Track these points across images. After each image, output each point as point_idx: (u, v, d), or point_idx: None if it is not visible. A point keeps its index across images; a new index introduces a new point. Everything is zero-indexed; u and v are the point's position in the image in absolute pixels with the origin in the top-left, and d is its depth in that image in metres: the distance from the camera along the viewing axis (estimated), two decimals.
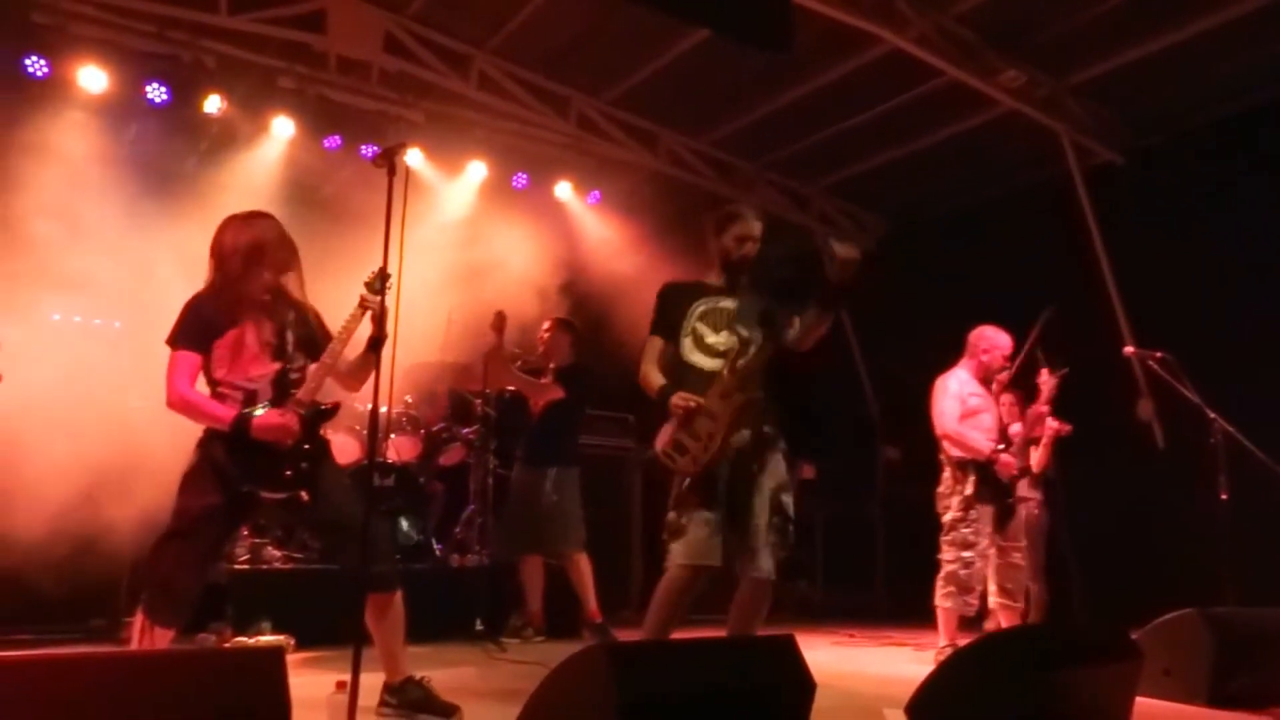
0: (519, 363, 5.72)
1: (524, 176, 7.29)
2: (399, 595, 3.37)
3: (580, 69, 6.86)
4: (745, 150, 7.85)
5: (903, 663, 5.17)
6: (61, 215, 5.24)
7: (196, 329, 3.27)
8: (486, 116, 7.01)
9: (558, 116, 7.13)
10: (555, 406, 5.51)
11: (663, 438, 3.48)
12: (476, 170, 7.08)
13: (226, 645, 4.46)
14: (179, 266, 4.50)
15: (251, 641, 4.52)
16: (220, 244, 3.36)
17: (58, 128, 5.70)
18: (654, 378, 3.57)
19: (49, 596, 4.66)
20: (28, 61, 5.51)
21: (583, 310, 6.73)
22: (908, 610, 6.99)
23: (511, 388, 5.83)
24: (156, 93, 5.85)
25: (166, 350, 3.28)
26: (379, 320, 3.27)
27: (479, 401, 6.16)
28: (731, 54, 6.24)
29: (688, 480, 3.42)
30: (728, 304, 3.60)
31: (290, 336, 3.38)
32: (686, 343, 3.58)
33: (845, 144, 7.54)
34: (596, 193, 7.60)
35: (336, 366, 3.38)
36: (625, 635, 5.10)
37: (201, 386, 3.27)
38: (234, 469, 3.15)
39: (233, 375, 3.27)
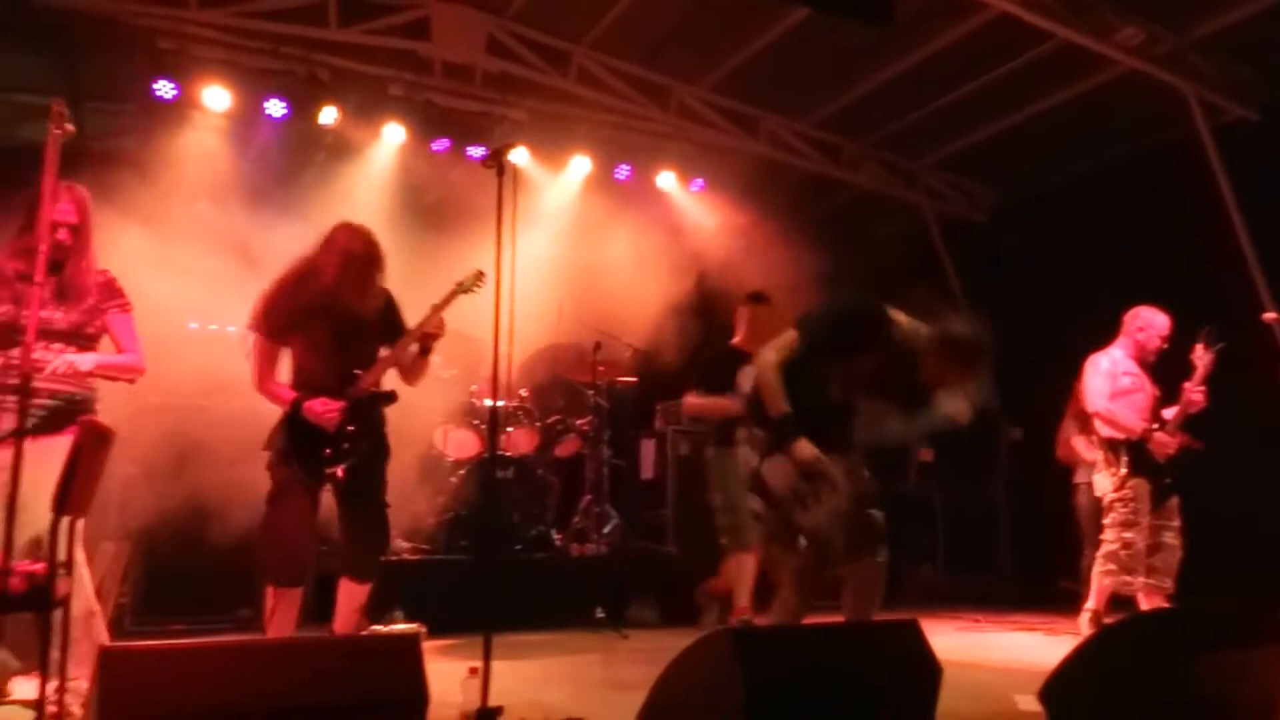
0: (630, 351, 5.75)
1: (626, 168, 7.35)
2: (369, 586, 3.74)
3: (678, 57, 6.86)
4: (849, 129, 7.70)
5: (1032, 647, 5.02)
6: (193, 229, 5.51)
7: (276, 317, 3.63)
8: (588, 111, 7.08)
9: (657, 106, 7.15)
10: None
11: (778, 475, 3.37)
12: (580, 165, 7.17)
13: (364, 633, 4.65)
14: None
15: (386, 629, 4.70)
16: (325, 248, 3.65)
17: (186, 146, 6.03)
18: (779, 394, 3.35)
19: (200, 589, 4.97)
20: (157, 85, 5.84)
21: (690, 297, 6.74)
22: (1035, 594, 6.78)
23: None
24: (275, 107, 6.12)
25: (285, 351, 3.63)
26: (430, 335, 3.66)
27: (591, 393, 6.24)
28: (831, 31, 6.13)
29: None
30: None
31: (365, 330, 3.68)
32: (816, 373, 3.41)
33: (952, 116, 7.31)
34: (699, 180, 7.60)
35: (402, 360, 3.71)
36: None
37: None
38: (288, 444, 3.56)
39: (308, 365, 3.65)
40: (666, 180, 7.54)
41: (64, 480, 2.60)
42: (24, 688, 3.20)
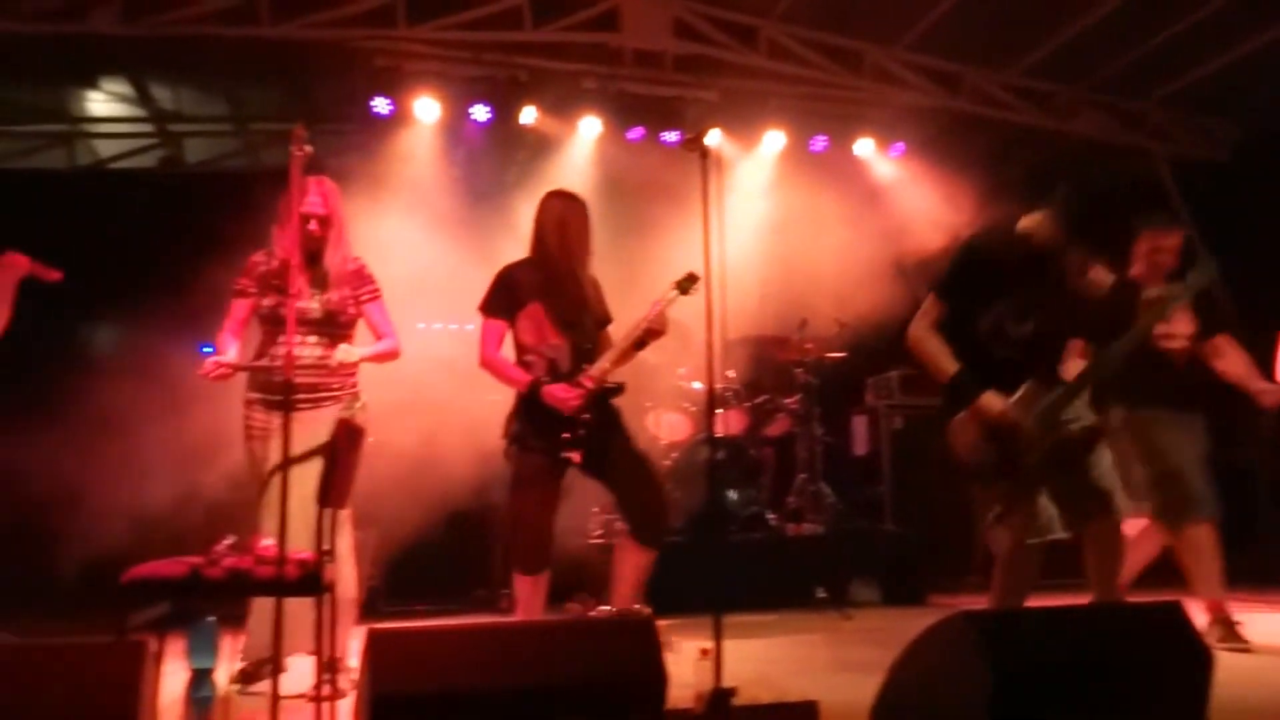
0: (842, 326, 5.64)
1: (822, 139, 7.18)
2: (655, 555, 3.70)
3: (870, 20, 6.61)
4: (1062, 74, 7.17)
5: None
6: (411, 235, 5.85)
7: (503, 299, 3.71)
8: (779, 84, 6.96)
9: (851, 73, 6.93)
10: None
11: (963, 436, 3.14)
12: (774, 140, 7.07)
13: (593, 614, 4.82)
14: None
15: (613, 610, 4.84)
16: (539, 219, 3.77)
17: (402, 157, 6.41)
18: (943, 358, 3.13)
19: (440, 572, 5.32)
20: (374, 103, 6.23)
21: (897, 265, 6.52)
22: None
23: None
24: (480, 112, 6.40)
25: (510, 351, 3.73)
26: (655, 332, 3.67)
27: (799, 371, 6.17)
28: None
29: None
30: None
31: (589, 310, 3.75)
32: (979, 323, 3.14)
33: (1182, 47, 6.64)
34: (899, 145, 7.32)
35: (625, 352, 3.73)
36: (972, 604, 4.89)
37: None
38: (526, 429, 3.58)
39: (537, 342, 3.67)
40: (864, 148, 7.31)
41: (325, 476, 2.84)
42: (298, 666, 3.53)
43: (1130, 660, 2.27)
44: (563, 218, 3.74)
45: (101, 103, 7.42)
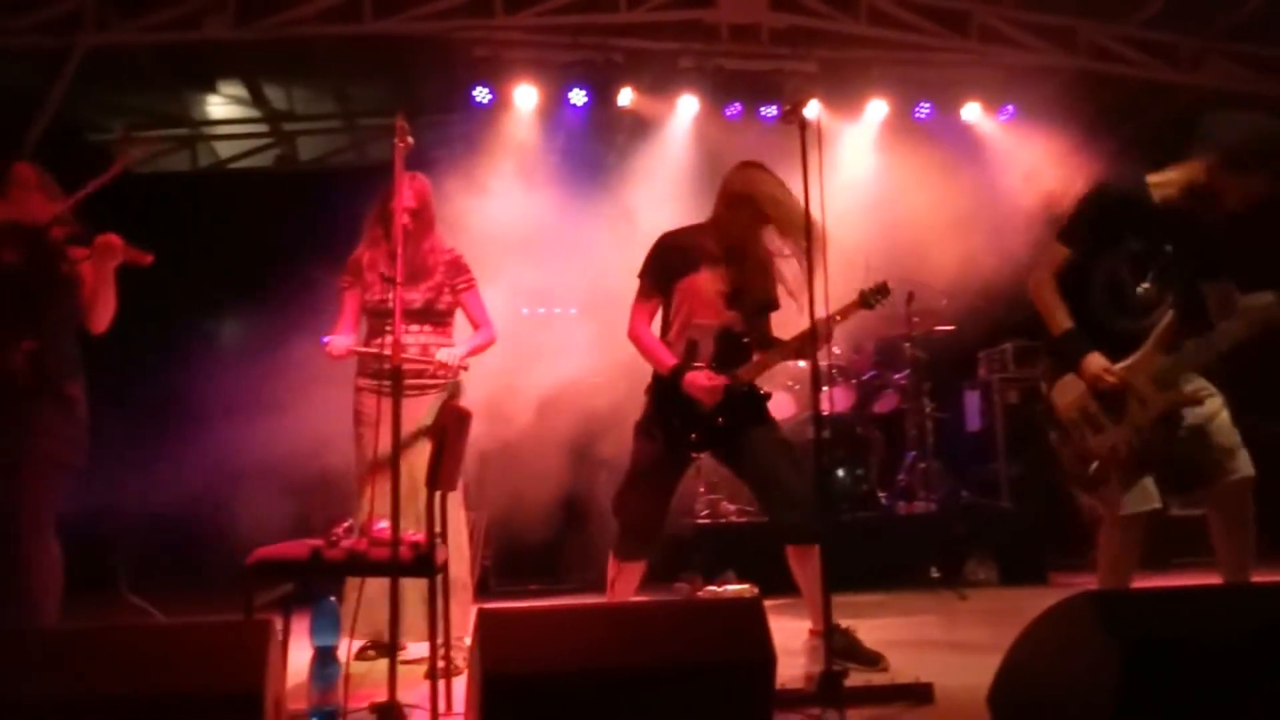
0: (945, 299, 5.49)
1: (927, 105, 6.95)
2: (817, 548, 3.35)
3: None
4: (1186, 23, 6.76)
5: None
6: (515, 222, 5.93)
7: (659, 268, 3.50)
8: (881, 52, 6.77)
9: (957, 35, 6.68)
10: None
11: (1065, 396, 3.00)
12: (877, 109, 6.88)
13: (700, 594, 4.83)
14: (615, 252, 4.94)
15: (720, 590, 4.84)
16: (721, 186, 3.53)
17: (503, 145, 6.49)
18: (1058, 312, 3.00)
19: (550, 553, 5.42)
20: (475, 92, 6.33)
21: (1011, 232, 6.26)
22: None
23: None
24: (578, 96, 6.42)
25: (616, 331, 3.67)
26: (820, 337, 3.24)
27: (907, 345, 6.02)
28: None
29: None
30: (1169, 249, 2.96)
31: (750, 293, 3.46)
32: (1099, 277, 3.01)
33: None
34: (1010, 108, 7.02)
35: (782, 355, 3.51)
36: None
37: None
38: (655, 415, 3.44)
39: (683, 320, 3.45)
40: (971, 112, 7.04)
41: (433, 460, 2.91)
42: (415, 646, 3.65)
43: (1262, 642, 2.14)
44: (745, 187, 3.43)
45: (220, 105, 7.77)
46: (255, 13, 5.98)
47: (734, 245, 3.45)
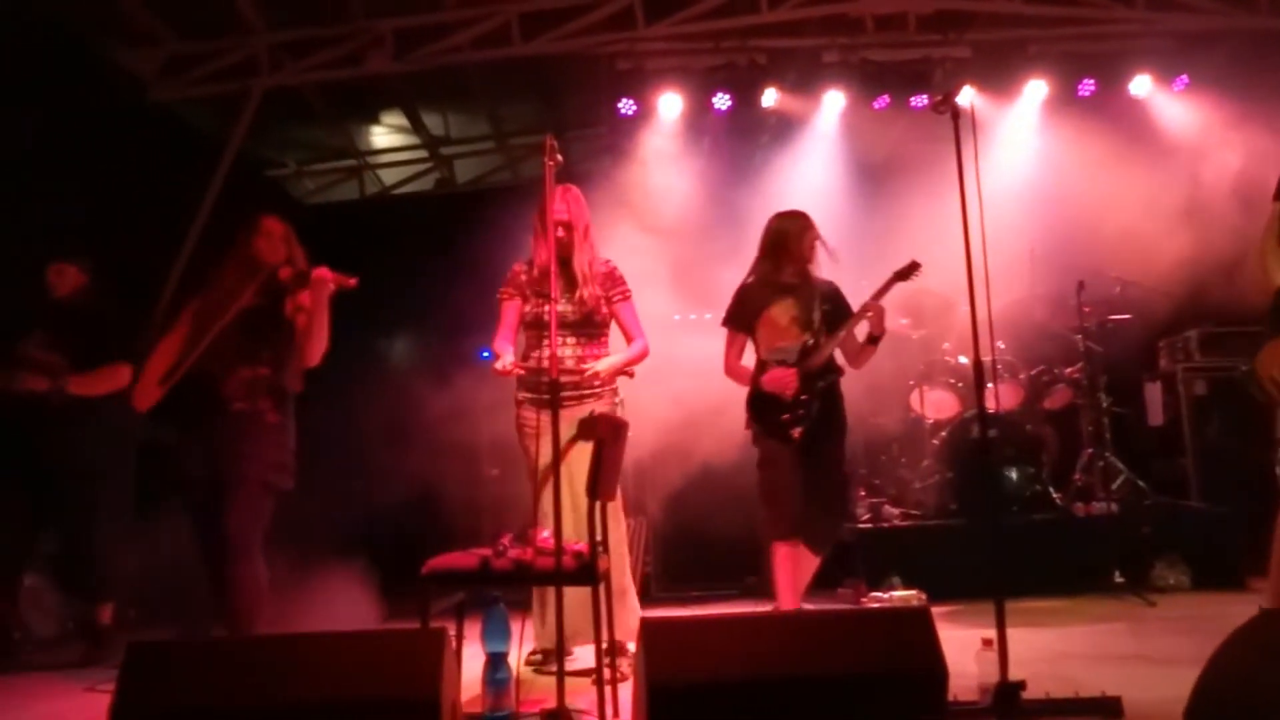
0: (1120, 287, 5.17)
1: (1090, 82, 6.57)
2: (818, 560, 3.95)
3: None
4: None
5: None
6: (664, 228, 5.97)
7: (738, 312, 4.08)
8: (1038, 29, 6.47)
9: (1121, 4, 6.30)
10: None
11: (1275, 359, 2.80)
12: (1036, 89, 6.56)
13: (864, 600, 4.73)
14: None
15: (885, 596, 4.73)
16: (762, 238, 4.07)
17: (649, 154, 6.55)
18: (1277, 271, 2.89)
19: (712, 558, 5.42)
20: (621, 105, 6.43)
21: (1191, 210, 5.85)
22: None
23: None
24: (721, 101, 6.42)
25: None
26: (878, 319, 3.86)
27: (1079, 337, 5.70)
28: None
29: None
30: None
31: (817, 313, 3.94)
32: None
33: None
34: (1183, 77, 6.56)
35: (848, 341, 3.97)
36: None
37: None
38: (753, 416, 3.96)
39: (769, 347, 3.98)
40: (1141, 85, 6.61)
41: (592, 470, 2.96)
42: (580, 651, 3.73)
43: None
44: (779, 232, 4.01)
45: (382, 135, 8.20)
46: (412, 45, 6.28)
47: (785, 281, 3.98)
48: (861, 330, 3.99)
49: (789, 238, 3.98)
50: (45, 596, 4.62)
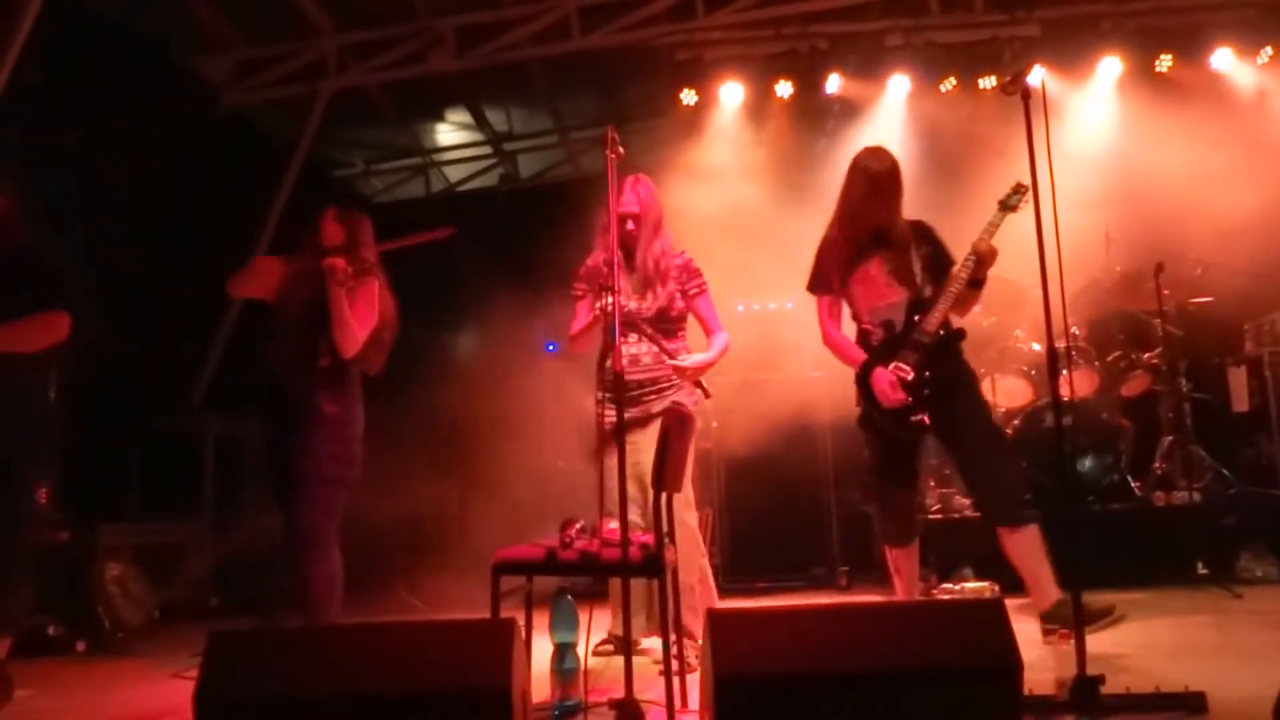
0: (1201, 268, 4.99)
1: (1167, 58, 6.36)
2: (1029, 529, 3.48)
3: None
4: None
5: None
6: (726, 219, 5.94)
7: (824, 272, 3.67)
8: (1111, 3, 6.28)
9: None
10: None
11: None
12: (1110, 67, 6.36)
13: (935, 593, 4.65)
14: None
15: (957, 588, 4.64)
16: (840, 193, 3.67)
17: (712, 143, 6.52)
18: None
19: (778, 549, 5.39)
20: (682, 95, 6.41)
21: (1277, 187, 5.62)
22: None
23: None
24: (784, 88, 6.36)
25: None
26: (983, 262, 3.48)
27: (1158, 321, 5.52)
28: None
29: None
30: None
31: (917, 262, 3.57)
32: None
33: None
34: (1267, 49, 6.30)
35: (959, 295, 3.52)
36: None
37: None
38: (865, 406, 3.58)
39: (868, 308, 3.60)
40: (1222, 59, 6.37)
41: (658, 463, 2.97)
42: (649, 642, 3.74)
43: None
44: (850, 182, 3.63)
45: (447, 133, 8.30)
46: (473, 42, 6.35)
47: (881, 228, 3.57)
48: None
49: (879, 179, 3.55)
50: None
